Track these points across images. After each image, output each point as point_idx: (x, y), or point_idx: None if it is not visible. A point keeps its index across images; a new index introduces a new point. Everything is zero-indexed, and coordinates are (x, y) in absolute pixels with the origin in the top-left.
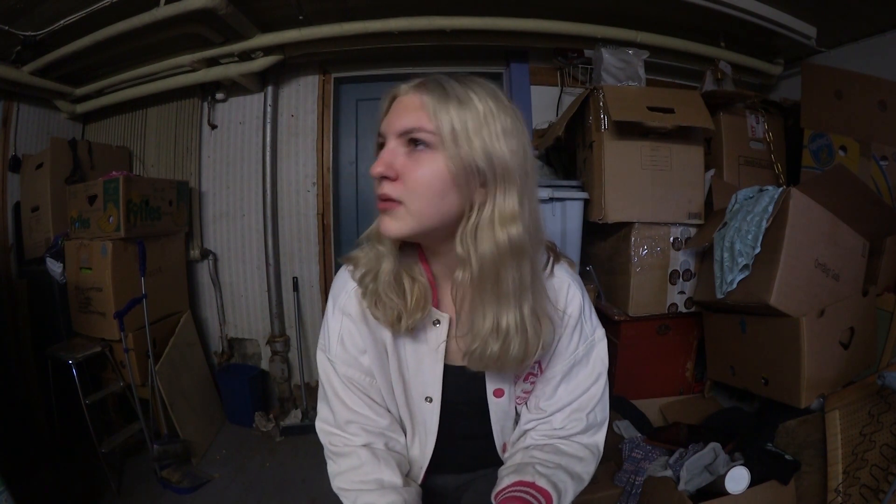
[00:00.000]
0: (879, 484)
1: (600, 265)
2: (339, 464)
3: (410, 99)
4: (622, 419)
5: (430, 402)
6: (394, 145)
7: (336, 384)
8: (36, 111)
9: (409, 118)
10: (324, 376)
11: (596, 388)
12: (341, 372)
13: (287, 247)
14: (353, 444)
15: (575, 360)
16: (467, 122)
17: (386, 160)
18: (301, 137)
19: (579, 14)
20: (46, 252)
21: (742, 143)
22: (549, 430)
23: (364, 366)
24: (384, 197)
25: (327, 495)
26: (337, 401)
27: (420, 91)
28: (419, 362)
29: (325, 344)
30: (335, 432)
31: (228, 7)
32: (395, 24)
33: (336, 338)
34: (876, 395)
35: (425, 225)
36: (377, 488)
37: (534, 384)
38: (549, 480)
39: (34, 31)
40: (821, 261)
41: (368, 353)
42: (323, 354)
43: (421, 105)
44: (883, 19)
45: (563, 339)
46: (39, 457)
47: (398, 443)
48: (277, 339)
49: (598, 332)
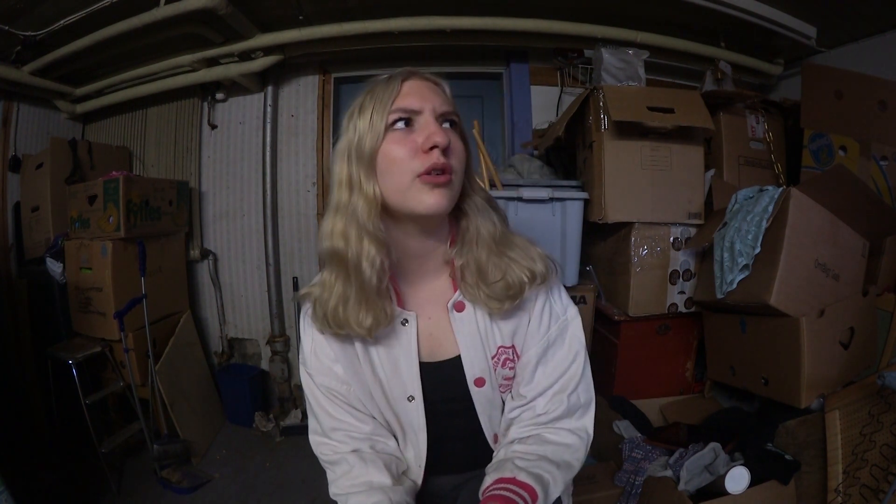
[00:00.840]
0: (879, 484)
1: (600, 265)
2: (333, 471)
3: (433, 86)
4: (622, 419)
5: (413, 401)
6: (433, 120)
7: (317, 395)
8: (36, 111)
9: (445, 102)
10: (307, 389)
11: (575, 367)
12: (319, 382)
13: (287, 247)
14: (341, 451)
15: (549, 342)
16: None
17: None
18: (301, 137)
19: (579, 14)
20: (46, 252)
21: (742, 143)
22: (533, 416)
23: (339, 375)
24: (446, 168)
25: (327, 495)
26: (321, 411)
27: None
28: (395, 364)
29: (302, 358)
30: (324, 441)
31: (228, 7)
32: (395, 24)
33: (309, 350)
34: (876, 395)
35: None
36: (366, 489)
37: (513, 369)
38: (531, 473)
39: (34, 31)
40: (821, 261)
41: (340, 362)
42: (303, 368)
43: (442, 91)
44: (883, 19)
45: (533, 319)
46: (39, 457)
47: (386, 445)
48: (277, 339)
49: (570, 310)
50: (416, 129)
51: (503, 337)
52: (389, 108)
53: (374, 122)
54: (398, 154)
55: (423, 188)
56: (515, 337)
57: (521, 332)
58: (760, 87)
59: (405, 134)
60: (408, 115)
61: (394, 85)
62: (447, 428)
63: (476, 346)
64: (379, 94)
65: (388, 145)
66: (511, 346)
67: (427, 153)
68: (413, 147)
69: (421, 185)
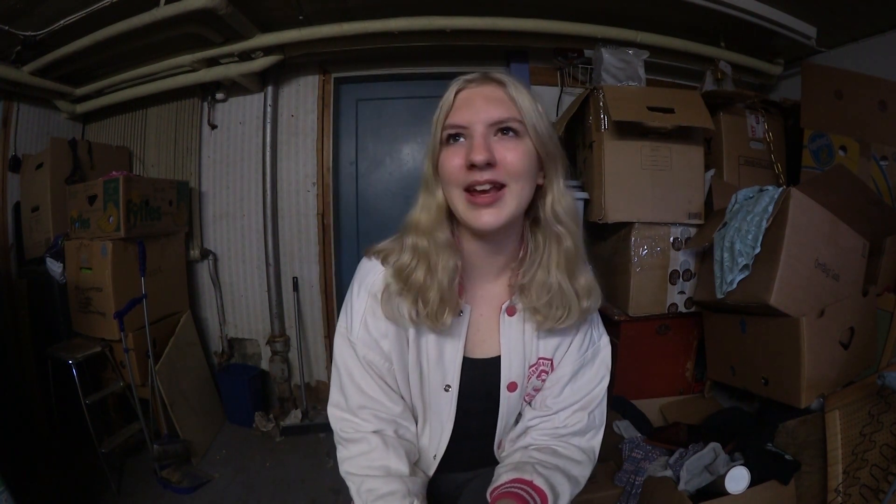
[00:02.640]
0: (879, 484)
1: (600, 265)
2: (349, 449)
3: (492, 90)
4: (622, 419)
5: (449, 391)
6: (483, 134)
7: (353, 368)
8: (36, 111)
9: (498, 109)
10: (341, 360)
11: (599, 389)
12: (361, 354)
13: (287, 247)
14: (363, 430)
15: (584, 362)
16: (537, 108)
17: (485, 146)
18: (301, 137)
19: (579, 14)
20: (46, 252)
21: (742, 143)
22: (551, 428)
23: (384, 350)
24: (492, 182)
25: (327, 495)
26: (352, 385)
27: (496, 83)
28: (440, 351)
29: (347, 326)
30: (347, 417)
31: (228, 7)
32: (395, 24)
33: (360, 319)
34: (876, 395)
35: (521, 207)
36: (383, 475)
37: (544, 381)
38: (547, 481)
39: (34, 31)
40: (821, 261)
41: (389, 338)
42: (343, 338)
43: (504, 96)
44: (883, 19)
45: (577, 338)
46: (39, 457)
47: (409, 431)
48: (277, 339)
49: (604, 338)
50: (465, 142)
51: (546, 349)
52: (444, 122)
53: (435, 132)
54: (448, 168)
55: (469, 206)
56: (557, 351)
57: (563, 348)
58: (760, 87)
59: (457, 148)
60: (456, 130)
61: (449, 96)
62: (467, 425)
63: (517, 352)
64: (441, 104)
65: (443, 157)
66: (550, 359)
67: (470, 170)
68: (459, 162)
69: (467, 202)
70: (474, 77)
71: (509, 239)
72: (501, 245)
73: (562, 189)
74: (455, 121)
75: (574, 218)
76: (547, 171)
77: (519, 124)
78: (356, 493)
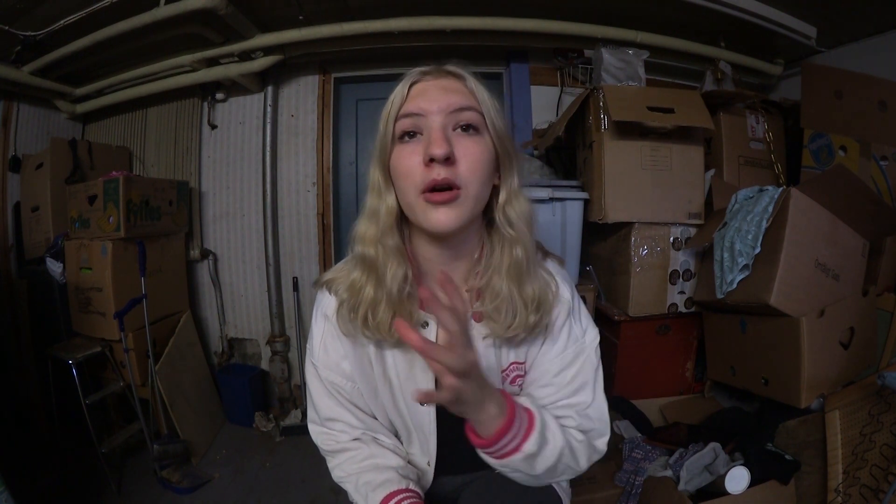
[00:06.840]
0: (879, 484)
1: (600, 265)
2: (336, 458)
3: (449, 82)
4: (622, 419)
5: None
6: (442, 125)
7: (318, 387)
8: (36, 111)
9: (457, 97)
10: (309, 379)
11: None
12: (324, 376)
13: (287, 247)
14: (342, 441)
15: (563, 364)
16: (496, 104)
17: (445, 138)
18: (301, 137)
19: (579, 14)
20: (46, 252)
21: (742, 143)
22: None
23: (345, 371)
24: (447, 183)
25: (327, 495)
26: (321, 401)
27: (455, 76)
28: (411, 364)
29: (310, 347)
30: (323, 431)
31: (228, 7)
32: (395, 24)
33: (319, 342)
34: (876, 395)
35: (478, 209)
36: (374, 468)
37: (521, 387)
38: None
39: (34, 31)
40: (821, 261)
41: (349, 358)
42: (308, 359)
43: (464, 88)
44: (883, 19)
45: (548, 341)
46: (39, 457)
47: (385, 441)
48: (277, 339)
49: (590, 333)
50: (422, 138)
51: (517, 353)
52: (397, 113)
53: (387, 128)
54: (402, 167)
55: (427, 206)
56: (528, 354)
57: (535, 350)
58: (760, 87)
59: (412, 145)
60: (413, 121)
61: (402, 89)
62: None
63: (489, 357)
64: (392, 97)
65: (395, 157)
66: (523, 362)
67: (429, 167)
68: (416, 160)
69: (424, 202)
70: (430, 69)
71: (468, 243)
72: (460, 250)
73: (516, 191)
74: (410, 109)
75: (528, 223)
76: (503, 170)
77: (479, 117)
78: (354, 490)
